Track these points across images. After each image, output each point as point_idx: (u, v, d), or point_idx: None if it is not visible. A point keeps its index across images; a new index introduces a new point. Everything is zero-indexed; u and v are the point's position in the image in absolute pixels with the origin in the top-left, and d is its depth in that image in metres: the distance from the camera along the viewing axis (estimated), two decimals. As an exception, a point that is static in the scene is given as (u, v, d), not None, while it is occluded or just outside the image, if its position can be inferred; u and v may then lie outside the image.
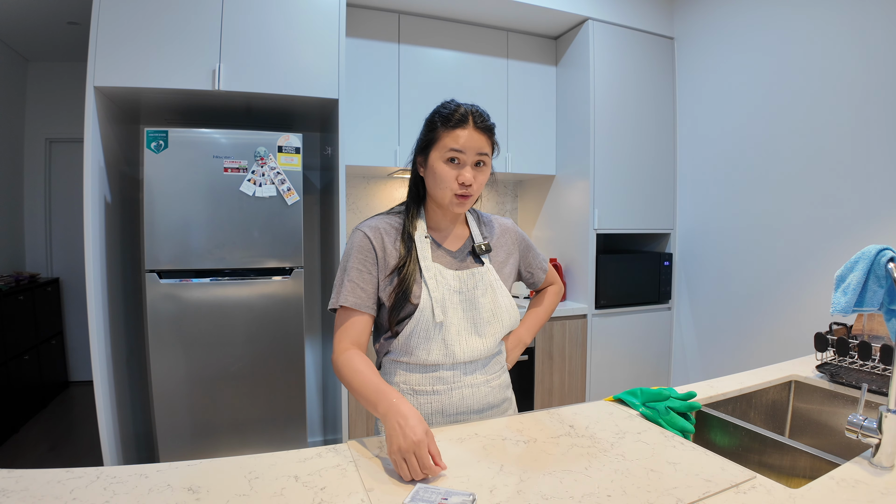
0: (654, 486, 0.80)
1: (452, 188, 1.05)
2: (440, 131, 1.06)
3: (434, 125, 1.08)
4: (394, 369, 1.12)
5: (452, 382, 1.10)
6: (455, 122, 1.05)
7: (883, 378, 1.32)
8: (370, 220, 1.13)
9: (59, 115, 3.87)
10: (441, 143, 1.06)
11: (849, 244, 2.11)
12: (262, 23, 2.11)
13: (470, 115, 1.06)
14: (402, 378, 1.10)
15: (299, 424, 2.26)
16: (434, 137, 1.07)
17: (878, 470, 0.88)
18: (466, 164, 1.05)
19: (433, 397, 1.09)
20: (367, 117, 2.56)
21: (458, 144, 1.04)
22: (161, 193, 2.00)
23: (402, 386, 1.10)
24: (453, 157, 1.05)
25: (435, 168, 1.06)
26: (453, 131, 1.05)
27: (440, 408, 1.10)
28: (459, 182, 1.05)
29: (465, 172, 1.05)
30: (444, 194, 1.07)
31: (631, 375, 2.92)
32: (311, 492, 0.78)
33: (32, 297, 3.43)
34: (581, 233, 2.82)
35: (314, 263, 2.91)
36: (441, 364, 1.09)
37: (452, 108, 1.07)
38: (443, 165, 1.05)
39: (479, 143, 1.05)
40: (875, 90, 2.02)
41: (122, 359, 2.28)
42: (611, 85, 2.80)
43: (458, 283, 1.10)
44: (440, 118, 1.07)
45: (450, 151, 1.05)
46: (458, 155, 1.05)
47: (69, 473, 0.82)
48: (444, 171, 1.05)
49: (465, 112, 1.06)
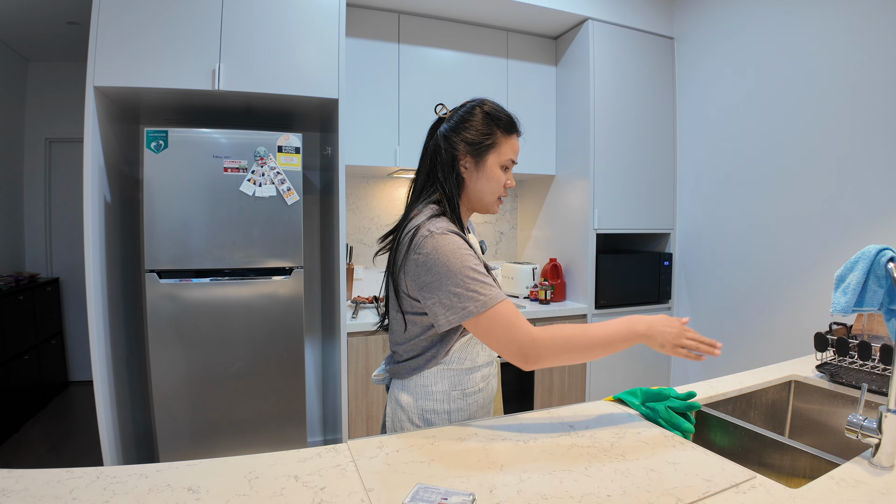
0: (654, 485, 0.80)
1: (499, 192, 1.11)
2: (500, 136, 1.08)
3: (490, 129, 1.08)
4: (441, 377, 1.08)
5: (490, 377, 1.16)
6: (513, 128, 1.10)
7: (883, 378, 1.32)
8: (441, 223, 1.02)
9: (58, 115, 3.87)
10: (501, 148, 1.08)
11: (849, 244, 2.11)
12: (261, 23, 2.11)
13: (518, 122, 1.11)
14: (451, 385, 1.09)
15: (299, 424, 2.26)
16: (494, 142, 1.08)
17: (878, 470, 0.88)
18: (510, 169, 1.12)
19: (479, 395, 1.13)
20: (367, 117, 2.56)
21: (515, 152, 1.10)
22: (161, 193, 2.00)
23: (453, 392, 1.09)
24: (508, 165, 1.10)
25: (491, 171, 1.09)
26: (510, 137, 1.09)
27: (483, 403, 1.14)
28: (507, 186, 1.11)
29: (511, 178, 1.12)
30: (491, 198, 1.11)
31: (631, 375, 2.92)
32: (311, 492, 0.78)
33: (32, 297, 3.43)
34: (581, 233, 2.83)
35: (314, 263, 2.91)
36: (486, 363, 1.14)
37: (504, 113, 1.10)
38: (498, 170, 1.09)
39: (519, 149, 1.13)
40: (875, 90, 2.01)
41: (122, 359, 2.27)
42: (611, 85, 2.80)
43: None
44: (497, 121, 1.08)
45: (509, 160, 1.09)
46: (512, 163, 1.11)
47: (69, 473, 0.81)
48: (499, 175, 1.09)
49: (515, 119, 1.11)
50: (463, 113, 1.10)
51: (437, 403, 1.09)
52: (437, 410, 1.09)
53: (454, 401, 1.09)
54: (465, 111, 1.10)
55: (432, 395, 1.09)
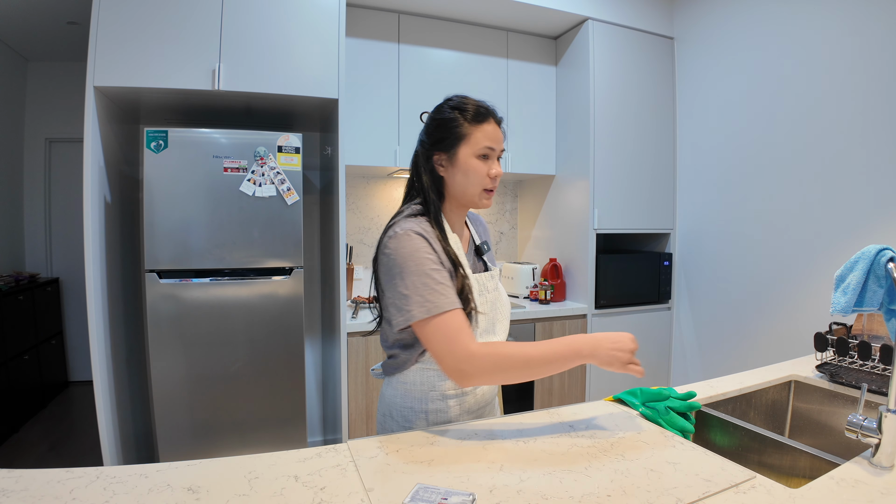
0: (654, 485, 0.80)
1: (483, 183, 1.07)
2: (467, 127, 1.05)
3: (456, 121, 1.05)
4: (420, 377, 1.09)
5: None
6: (482, 116, 1.06)
7: (883, 378, 1.32)
8: (411, 223, 1.03)
9: (58, 114, 3.87)
10: (472, 138, 1.05)
11: (849, 244, 2.11)
12: (261, 22, 2.11)
13: (490, 110, 1.07)
14: (429, 385, 1.08)
15: (299, 424, 2.26)
16: (462, 133, 1.05)
17: (878, 470, 0.88)
18: (494, 159, 1.08)
19: (462, 398, 1.11)
20: (367, 117, 2.56)
21: (490, 139, 1.05)
22: (161, 193, 2.00)
23: (431, 393, 1.08)
24: (486, 153, 1.06)
25: (467, 164, 1.06)
26: (481, 126, 1.05)
27: (467, 408, 1.12)
28: (492, 176, 1.07)
29: (497, 166, 1.08)
30: (474, 190, 1.07)
31: (630, 375, 2.91)
32: (310, 492, 0.78)
33: (32, 297, 3.43)
34: (581, 233, 2.82)
35: (314, 263, 2.91)
36: None
37: (472, 103, 1.07)
38: (475, 161, 1.06)
39: (500, 136, 1.08)
40: (875, 90, 2.02)
41: (121, 359, 2.27)
42: (611, 85, 2.80)
43: (479, 285, 1.10)
44: (462, 113, 1.06)
45: (484, 148, 1.05)
46: (490, 151, 1.06)
47: (69, 473, 0.81)
48: (477, 166, 1.06)
49: (485, 106, 1.07)
50: (431, 113, 1.11)
51: (415, 402, 1.09)
52: (414, 409, 1.09)
53: (432, 401, 1.08)
54: (433, 110, 1.11)
55: (411, 394, 1.09)
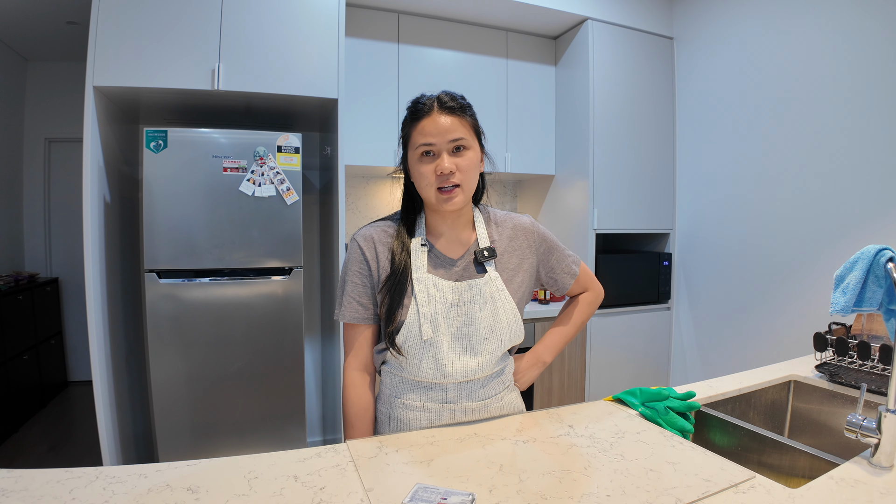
0: (654, 485, 0.80)
1: (433, 184, 0.97)
2: (409, 128, 1.00)
3: (403, 125, 1.02)
4: (389, 381, 1.08)
5: (445, 402, 1.03)
6: (420, 113, 0.98)
7: (882, 378, 1.32)
8: (366, 229, 1.07)
9: (58, 114, 3.87)
10: (412, 140, 0.99)
11: (848, 244, 2.11)
12: (261, 22, 2.11)
13: (434, 101, 0.98)
14: (394, 391, 1.06)
15: (299, 424, 2.26)
16: (406, 136, 1.01)
17: (878, 470, 0.88)
18: (442, 153, 0.97)
19: (422, 414, 1.03)
20: (366, 117, 2.56)
21: (424, 136, 0.96)
22: (160, 193, 2.00)
23: (395, 400, 1.06)
24: (426, 151, 0.97)
25: (414, 168, 1.00)
26: (418, 124, 0.98)
27: (429, 425, 1.04)
28: (437, 174, 0.96)
29: (442, 161, 0.96)
30: (428, 193, 0.99)
31: (630, 375, 2.92)
32: (310, 492, 0.78)
33: (31, 296, 3.43)
34: (580, 233, 2.82)
35: (314, 263, 2.91)
36: (434, 383, 1.02)
37: (416, 100, 1.00)
38: (418, 164, 0.98)
39: (448, 126, 0.96)
40: (875, 89, 2.02)
41: (121, 359, 2.27)
42: (610, 85, 2.80)
43: (457, 295, 1.01)
44: (408, 114, 1.01)
45: (420, 146, 0.97)
46: (429, 147, 0.97)
47: (68, 473, 0.81)
48: (421, 168, 0.98)
49: (427, 100, 0.99)
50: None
51: (383, 405, 1.09)
52: (381, 412, 1.09)
53: (396, 409, 1.05)
54: None
55: (381, 396, 1.10)
